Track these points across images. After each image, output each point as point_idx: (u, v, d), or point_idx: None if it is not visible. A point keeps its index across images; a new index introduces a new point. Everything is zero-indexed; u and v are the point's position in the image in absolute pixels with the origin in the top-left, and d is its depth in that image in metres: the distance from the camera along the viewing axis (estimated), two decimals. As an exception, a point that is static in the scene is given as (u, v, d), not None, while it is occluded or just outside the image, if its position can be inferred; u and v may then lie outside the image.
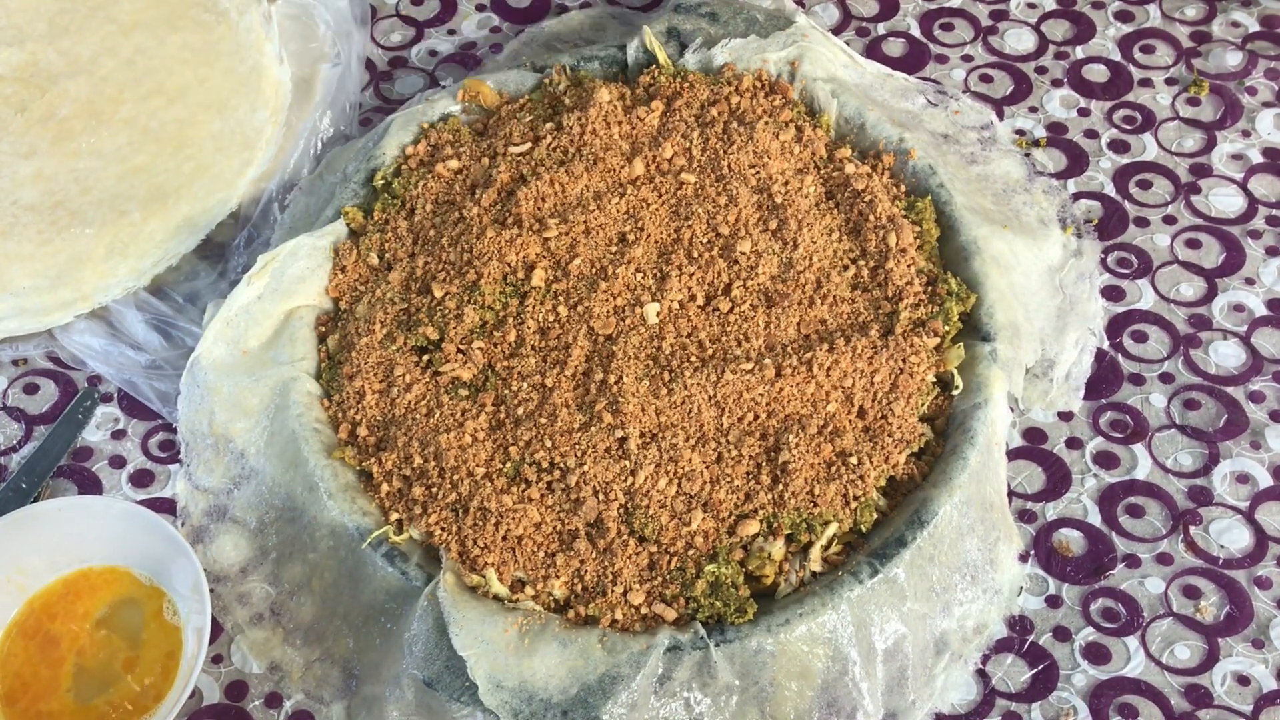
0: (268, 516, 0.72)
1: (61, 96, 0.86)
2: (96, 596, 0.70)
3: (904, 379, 0.71)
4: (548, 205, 0.77)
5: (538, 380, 0.71)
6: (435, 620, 0.65)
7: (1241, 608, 0.70)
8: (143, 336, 0.80)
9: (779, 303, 0.73)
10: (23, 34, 0.88)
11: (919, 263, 0.76)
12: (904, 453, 0.69)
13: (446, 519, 0.67)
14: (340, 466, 0.70)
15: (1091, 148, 0.89)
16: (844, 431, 0.69)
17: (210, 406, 0.74)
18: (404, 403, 0.71)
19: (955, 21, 0.96)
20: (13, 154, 0.83)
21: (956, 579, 0.68)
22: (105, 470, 0.77)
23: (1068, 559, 0.72)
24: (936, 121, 0.88)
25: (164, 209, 0.82)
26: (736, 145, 0.79)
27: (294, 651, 0.69)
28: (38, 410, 0.79)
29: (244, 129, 0.86)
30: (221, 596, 0.71)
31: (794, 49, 0.85)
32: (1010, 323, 0.75)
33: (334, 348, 0.75)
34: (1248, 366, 0.79)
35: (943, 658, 0.68)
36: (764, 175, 0.78)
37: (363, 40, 0.93)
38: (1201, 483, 0.75)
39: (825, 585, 0.65)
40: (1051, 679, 0.68)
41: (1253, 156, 0.88)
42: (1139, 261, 0.83)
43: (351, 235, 0.79)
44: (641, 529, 0.66)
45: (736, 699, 0.64)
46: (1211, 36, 0.94)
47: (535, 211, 0.77)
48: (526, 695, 0.62)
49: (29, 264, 0.79)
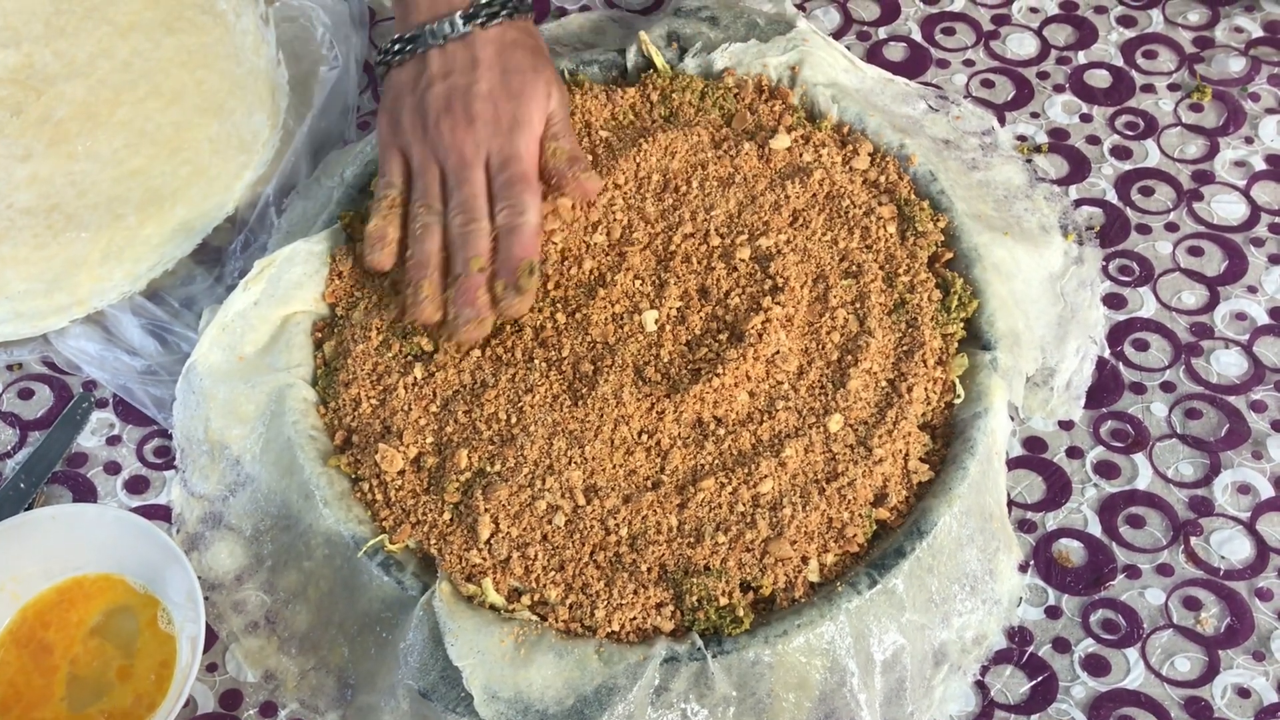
0: (263, 524, 0.71)
1: (57, 99, 0.85)
2: (90, 605, 0.70)
3: (908, 388, 0.71)
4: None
5: (537, 387, 0.71)
6: (431, 630, 0.64)
7: (1242, 619, 0.70)
8: (138, 341, 0.79)
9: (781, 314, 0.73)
10: (18, 36, 0.88)
11: (920, 256, 0.75)
12: (902, 469, 0.69)
13: (440, 527, 0.67)
14: (335, 474, 0.70)
15: (1093, 154, 0.88)
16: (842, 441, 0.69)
17: (206, 412, 0.74)
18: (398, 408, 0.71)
19: (957, 26, 0.96)
20: (8, 157, 0.83)
21: (956, 590, 0.68)
22: (100, 476, 0.76)
23: (1067, 569, 0.72)
24: (937, 127, 0.88)
25: (160, 213, 0.82)
26: (729, 152, 0.79)
27: (289, 660, 0.69)
28: (32, 415, 0.79)
29: (241, 132, 0.86)
30: (216, 604, 0.71)
31: (794, 53, 0.84)
32: (1011, 331, 0.74)
33: (330, 354, 0.75)
34: (1250, 376, 0.79)
35: (941, 669, 0.67)
36: (756, 176, 0.78)
37: (361, 43, 0.93)
38: (1202, 493, 0.74)
39: (823, 596, 0.65)
40: (1051, 690, 0.68)
41: (1255, 163, 0.88)
42: (1140, 269, 0.83)
43: (348, 240, 0.79)
44: (636, 541, 0.66)
45: (733, 710, 0.64)
46: (1214, 42, 0.94)
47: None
48: (522, 706, 0.62)
49: (24, 268, 0.79)
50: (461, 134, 0.73)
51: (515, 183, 0.73)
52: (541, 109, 0.75)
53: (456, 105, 0.74)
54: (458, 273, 0.72)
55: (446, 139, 0.74)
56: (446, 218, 0.74)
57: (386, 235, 0.74)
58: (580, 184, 0.75)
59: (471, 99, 0.74)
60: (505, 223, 0.72)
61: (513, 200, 0.72)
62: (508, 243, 0.72)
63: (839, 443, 0.69)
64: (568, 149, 0.75)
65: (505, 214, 0.72)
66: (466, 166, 0.73)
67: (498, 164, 0.73)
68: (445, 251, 0.73)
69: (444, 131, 0.74)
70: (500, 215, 0.72)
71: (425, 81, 0.75)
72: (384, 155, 0.77)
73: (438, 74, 0.75)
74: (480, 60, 0.75)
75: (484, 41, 0.75)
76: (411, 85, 0.76)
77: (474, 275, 0.71)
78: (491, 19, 0.75)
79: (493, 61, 0.75)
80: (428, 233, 0.73)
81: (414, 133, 0.75)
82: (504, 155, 0.73)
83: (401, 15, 0.78)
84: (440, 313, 0.72)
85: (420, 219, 0.74)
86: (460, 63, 0.75)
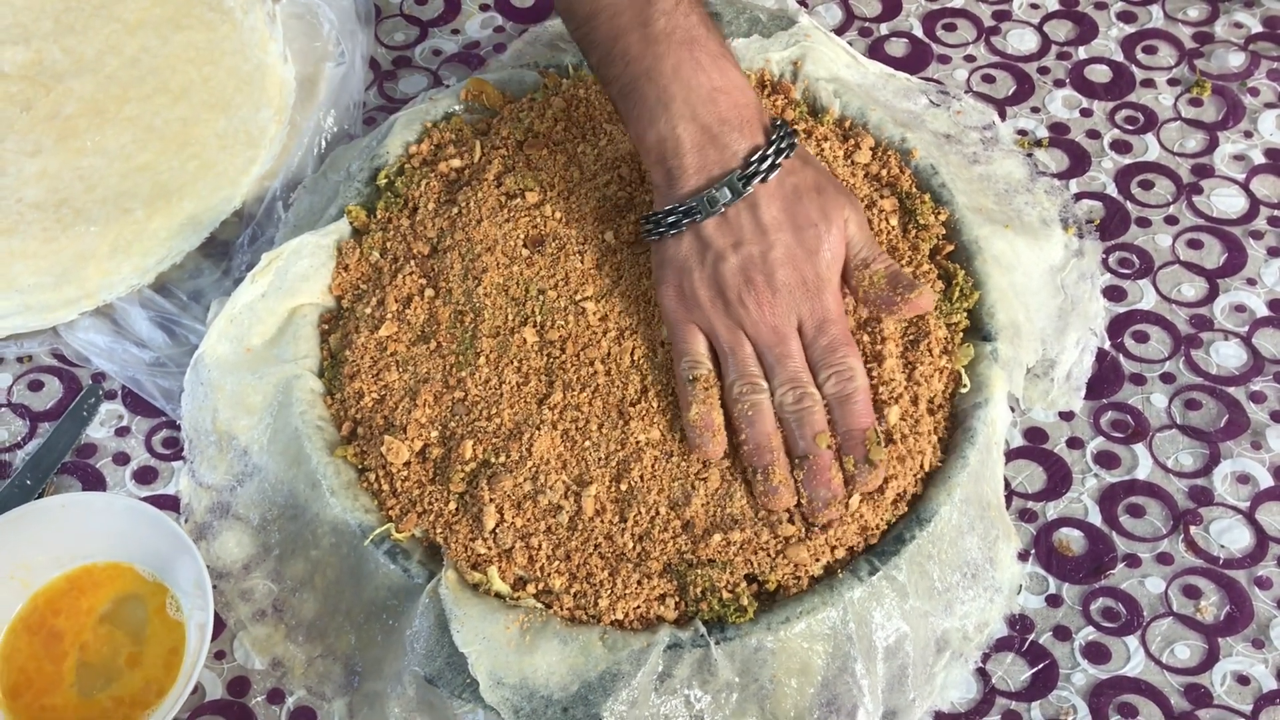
0: (270, 513, 0.72)
1: (66, 95, 0.86)
2: (100, 592, 0.71)
3: (923, 376, 0.71)
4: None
5: (539, 389, 0.71)
6: (437, 617, 0.65)
7: (1242, 608, 0.70)
8: (147, 334, 0.80)
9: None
10: (28, 32, 0.89)
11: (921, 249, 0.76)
12: (914, 473, 0.69)
13: (446, 517, 0.68)
14: (342, 464, 0.71)
15: (1093, 148, 0.89)
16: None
17: (214, 404, 0.74)
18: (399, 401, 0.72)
19: (958, 22, 0.96)
20: (18, 152, 0.84)
21: (957, 578, 0.68)
22: (109, 467, 0.77)
23: (1068, 558, 0.72)
24: (939, 121, 0.88)
25: (168, 207, 0.82)
26: None
27: (296, 648, 0.70)
28: (42, 407, 0.80)
29: (248, 127, 0.86)
30: (224, 593, 0.71)
31: (797, 49, 0.85)
32: (1011, 322, 0.75)
33: (336, 346, 0.76)
34: (1249, 367, 0.79)
35: (943, 656, 0.68)
36: None
37: (367, 39, 0.94)
38: (1202, 483, 0.75)
39: (826, 583, 0.65)
40: (1051, 678, 0.68)
41: (1255, 157, 0.88)
42: (1140, 262, 0.83)
43: (355, 234, 0.79)
44: (638, 534, 0.67)
45: (737, 696, 0.64)
46: (1214, 37, 0.95)
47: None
48: (527, 692, 0.63)
49: (34, 261, 0.80)
50: (769, 307, 0.68)
51: (837, 348, 0.68)
52: (840, 254, 0.70)
53: (757, 277, 0.68)
54: (802, 452, 0.67)
55: (754, 314, 0.68)
56: (773, 394, 0.69)
57: (713, 422, 0.68)
58: (912, 304, 0.70)
59: (772, 269, 0.68)
60: (837, 391, 0.68)
61: (838, 366, 0.68)
62: (845, 413, 0.68)
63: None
64: (884, 270, 0.71)
65: (834, 382, 0.68)
66: (783, 340, 0.69)
67: (813, 329, 0.69)
68: (780, 432, 0.68)
69: (750, 307, 0.68)
70: (828, 384, 0.68)
71: (714, 255, 0.69)
72: (680, 333, 0.70)
73: (726, 245, 0.69)
74: (768, 226, 0.68)
75: (767, 200, 0.69)
76: (698, 258, 0.69)
77: (823, 453, 0.67)
78: (770, 172, 0.69)
79: (781, 222, 0.69)
80: (759, 414, 0.68)
81: (714, 310, 0.69)
82: (817, 319, 0.69)
83: (665, 180, 0.70)
84: (795, 498, 0.67)
85: (746, 399, 0.68)
86: (748, 230, 0.68)
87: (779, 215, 0.69)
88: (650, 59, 0.70)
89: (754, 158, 0.69)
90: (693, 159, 0.69)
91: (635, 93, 0.70)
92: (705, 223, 0.69)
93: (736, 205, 0.69)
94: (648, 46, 0.70)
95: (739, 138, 0.69)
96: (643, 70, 0.70)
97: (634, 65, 0.70)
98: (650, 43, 0.70)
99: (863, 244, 0.71)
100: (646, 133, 0.70)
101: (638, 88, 0.70)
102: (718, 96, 0.69)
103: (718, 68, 0.70)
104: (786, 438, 0.68)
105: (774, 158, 0.69)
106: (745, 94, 0.71)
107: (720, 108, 0.69)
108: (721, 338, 0.70)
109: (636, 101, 0.70)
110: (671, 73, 0.69)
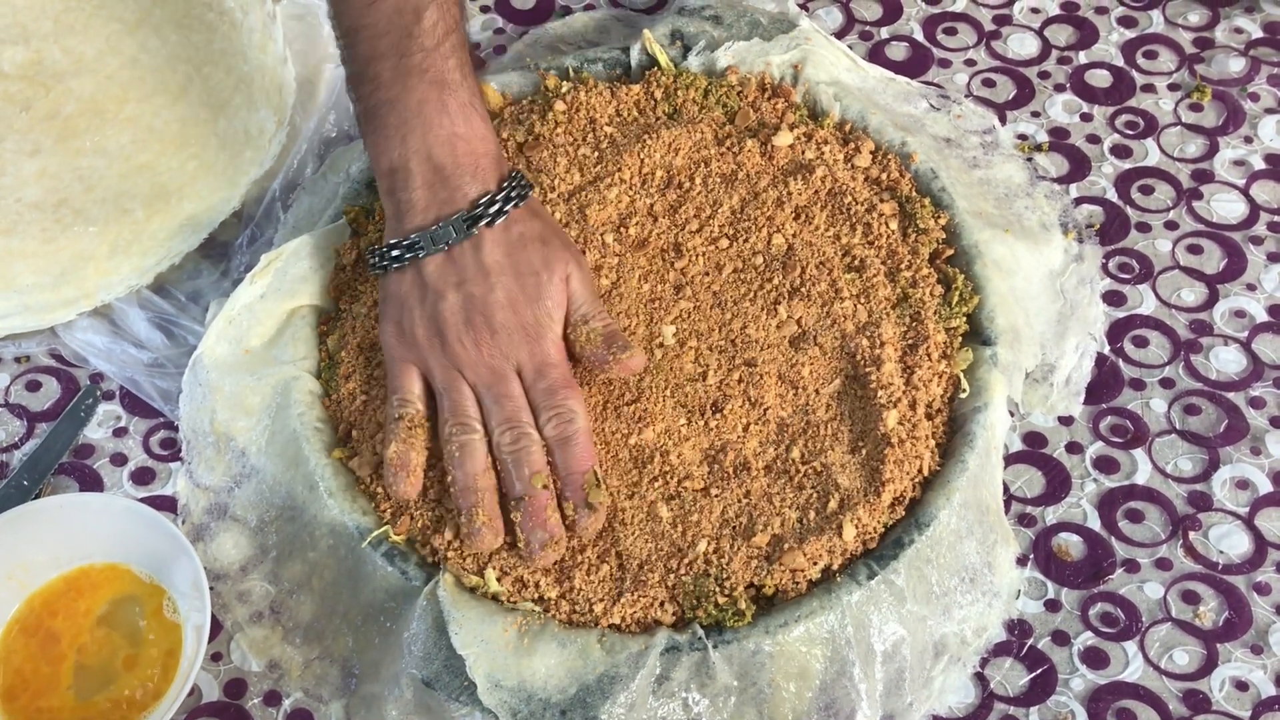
0: (268, 515, 0.72)
1: (66, 95, 0.86)
2: (97, 594, 0.70)
3: (922, 381, 0.71)
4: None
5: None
6: (435, 619, 0.65)
7: (1240, 613, 0.70)
8: (145, 334, 0.80)
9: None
10: (28, 32, 0.88)
11: (921, 254, 0.76)
12: (912, 478, 0.69)
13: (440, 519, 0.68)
14: (340, 466, 0.71)
15: (1094, 153, 0.89)
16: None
17: (212, 405, 0.74)
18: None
19: (958, 26, 0.96)
20: (17, 152, 0.84)
21: (955, 582, 0.68)
22: (106, 468, 0.77)
23: (1067, 563, 0.72)
24: (939, 126, 0.88)
25: (167, 207, 0.82)
26: (734, 149, 0.80)
27: (293, 650, 0.70)
28: (40, 407, 0.79)
29: (247, 128, 0.86)
30: (221, 594, 0.71)
31: (797, 52, 0.85)
32: (1011, 327, 0.75)
33: (334, 348, 0.76)
34: (1248, 372, 0.79)
35: (941, 660, 0.68)
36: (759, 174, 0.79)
37: (367, 41, 0.94)
38: (1201, 488, 0.75)
39: (824, 587, 0.65)
40: (1050, 683, 0.68)
41: (1255, 163, 0.88)
42: (1140, 267, 0.83)
43: (354, 235, 0.79)
44: (636, 540, 0.67)
45: (734, 700, 0.64)
46: (1214, 42, 0.95)
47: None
48: (525, 695, 0.62)
49: (32, 261, 0.80)
50: (487, 348, 0.68)
51: (557, 390, 0.68)
52: (561, 304, 0.70)
53: (476, 318, 0.68)
54: (519, 493, 0.66)
55: (472, 354, 0.68)
56: (490, 436, 0.68)
57: (410, 461, 0.67)
58: (623, 364, 0.69)
59: (491, 310, 0.68)
60: (557, 434, 0.67)
61: (558, 408, 0.67)
62: (565, 456, 0.67)
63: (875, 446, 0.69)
64: (601, 329, 0.70)
65: (554, 424, 0.67)
66: (501, 380, 0.68)
67: (532, 372, 0.68)
68: (492, 472, 0.68)
69: (468, 347, 0.68)
70: (549, 427, 0.68)
71: (434, 293, 0.69)
72: (395, 370, 0.70)
73: (448, 284, 0.69)
74: (490, 268, 0.68)
75: (491, 243, 0.69)
76: (418, 296, 0.70)
77: (539, 493, 0.66)
78: (497, 217, 0.70)
79: (504, 266, 0.69)
80: (466, 454, 0.67)
81: (430, 349, 0.69)
82: (536, 362, 0.68)
83: (394, 214, 0.71)
84: (500, 538, 0.66)
85: (455, 440, 0.67)
86: (470, 271, 0.69)
87: (502, 259, 0.69)
88: (398, 89, 0.71)
89: (483, 201, 0.70)
90: (422, 195, 0.70)
91: (378, 118, 0.72)
92: (428, 260, 0.70)
93: (461, 245, 0.69)
94: (398, 77, 0.71)
95: (470, 181, 0.70)
96: (389, 98, 0.71)
97: (382, 91, 0.71)
98: (402, 74, 0.71)
99: (584, 300, 0.71)
100: (381, 159, 0.72)
101: (380, 114, 0.71)
102: (456, 142, 0.70)
103: (463, 115, 0.71)
104: (504, 479, 0.68)
105: (502, 204, 0.70)
106: (486, 144, 0.72)
107: (456, 152, 0.70)
108: (437, 377, 0.69)
109: (378, 127, 0.72)
110: (416, 108, 0.70)
